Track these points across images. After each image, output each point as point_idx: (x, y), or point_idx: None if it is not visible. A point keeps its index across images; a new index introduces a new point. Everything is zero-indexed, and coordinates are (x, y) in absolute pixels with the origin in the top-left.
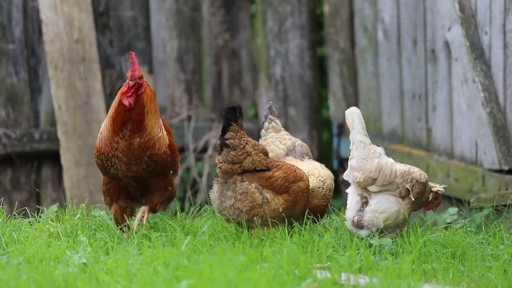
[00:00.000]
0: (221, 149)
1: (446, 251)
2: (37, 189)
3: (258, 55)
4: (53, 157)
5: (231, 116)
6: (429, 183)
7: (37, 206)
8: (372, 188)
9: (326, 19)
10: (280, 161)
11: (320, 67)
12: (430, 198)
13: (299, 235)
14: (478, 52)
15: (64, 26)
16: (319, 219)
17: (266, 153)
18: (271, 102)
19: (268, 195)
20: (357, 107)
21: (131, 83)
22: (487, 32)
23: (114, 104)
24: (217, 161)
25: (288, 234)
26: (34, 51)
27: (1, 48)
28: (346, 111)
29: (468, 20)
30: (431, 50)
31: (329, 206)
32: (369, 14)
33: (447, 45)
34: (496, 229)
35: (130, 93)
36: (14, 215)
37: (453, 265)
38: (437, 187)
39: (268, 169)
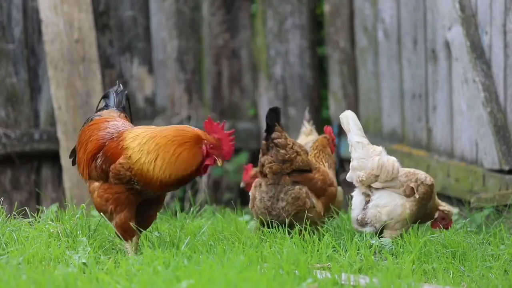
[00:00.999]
0: (267, 149)
1: (447, 251)
2: (37, 189)
3: (258, 55)
4: (53, 157)
5: (274, 117)
6: (440, 201)
7: (37, 206)
8: (376, 185)
9: (326, 19)
10: (317, 164)
11: (320, 67)
12: (436, 216)
13: (299, 235)
14: (478, 52)
15: (64, 26)
16: None
17: (307, 154)
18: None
19: (314, 199)
20: (357, 107)
21: (219, 163)
22: (488, 32)
23: (187, 154)
24: (264, 161)
25: (289, 235)
26: (34, 51)
27: (1, 48)
28: (341, 115)
29: (469, 20)
30: (431, 50)
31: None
32: (369, 14)
33: (447, 45)
34: (497, 229)
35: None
36: (14, 215)
37: (454, 265)
38: (446, 207)
39: (310, 170)
